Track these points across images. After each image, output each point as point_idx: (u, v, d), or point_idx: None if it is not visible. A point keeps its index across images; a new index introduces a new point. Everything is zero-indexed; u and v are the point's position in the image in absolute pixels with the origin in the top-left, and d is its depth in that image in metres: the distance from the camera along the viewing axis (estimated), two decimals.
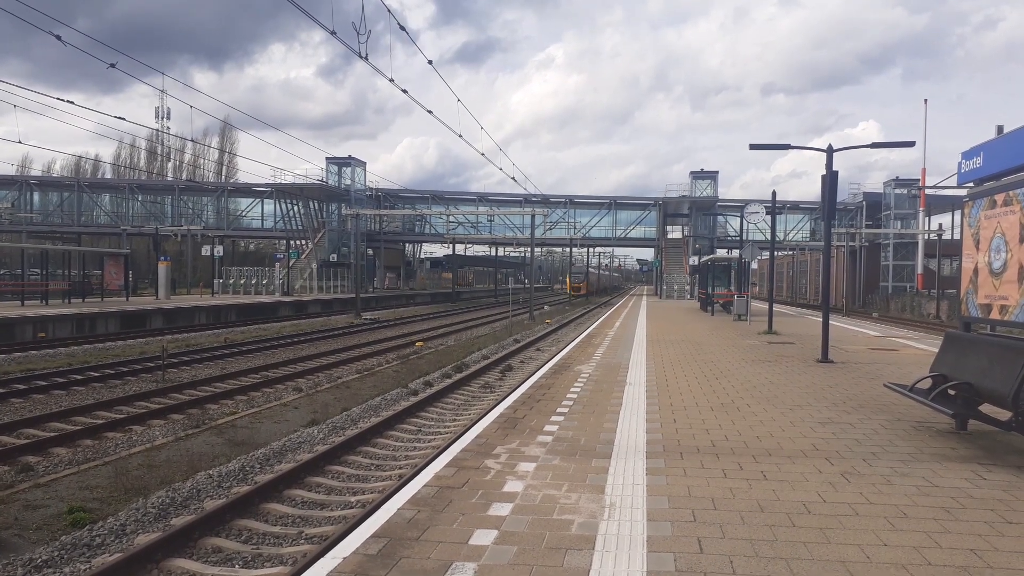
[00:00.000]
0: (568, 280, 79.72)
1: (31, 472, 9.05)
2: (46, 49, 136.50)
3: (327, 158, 60.97)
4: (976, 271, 7.87)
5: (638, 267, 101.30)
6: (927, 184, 51.26)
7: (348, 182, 61.17)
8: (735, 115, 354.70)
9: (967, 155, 8.49)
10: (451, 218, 62.84)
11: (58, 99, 26.75)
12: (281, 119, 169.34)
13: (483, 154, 28.77)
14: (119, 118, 38.45)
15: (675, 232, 66.51)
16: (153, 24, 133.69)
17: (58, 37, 15.13)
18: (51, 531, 7.05)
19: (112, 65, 17.78)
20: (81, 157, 73.76)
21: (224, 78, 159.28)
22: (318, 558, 4.36)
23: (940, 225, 54.99)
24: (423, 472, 6.05)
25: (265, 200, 62.84)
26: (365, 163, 63.17)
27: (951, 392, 7.41)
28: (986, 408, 7.24)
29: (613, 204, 66.33)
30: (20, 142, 79.89)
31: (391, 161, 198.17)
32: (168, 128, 54.13)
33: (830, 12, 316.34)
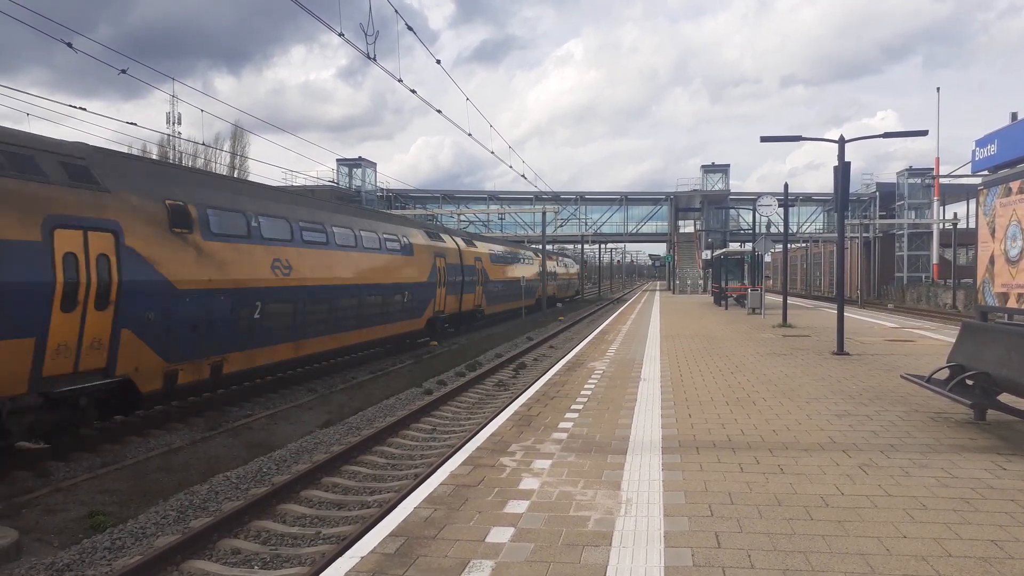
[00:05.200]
0: None
1: (51, 477, 9.15)
2: (67, 57, 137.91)
3: (337, 159, 61.14)
4: (992, 260, 7.80)
5: (650, 262, 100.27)
6: (942, 173, 50.80)
7: (359, 183, 61.35)
8: (753, 107, 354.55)
9: (981, 143, 8.41)
10: (462, 217, 62.88)
11: (71, 106, 27.23)
12: (300, 122, 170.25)
13: (493, 152, 28.98)
14: (131, 123, 38.91)
15: (687, 227, 66.31)
16: (172, 29, 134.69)
17: (69, 44, 15.22)
18: (72, 535, 7.12)
19: (123, 71, 17.91)
20: None
21: (243, 82, 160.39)
22: (336, 558, 4.38)
23: (955, 214, 54.47)
24: (439, 471, 6.07)
25: None
26: (375, 164, 63.38)
27: (969, 382, 7.35)
28: (1005, 398, 7.18)
29: (624, 200, 66.13)
30: None
31: (406, 161, 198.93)
32: (179, 133, 54.43)
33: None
